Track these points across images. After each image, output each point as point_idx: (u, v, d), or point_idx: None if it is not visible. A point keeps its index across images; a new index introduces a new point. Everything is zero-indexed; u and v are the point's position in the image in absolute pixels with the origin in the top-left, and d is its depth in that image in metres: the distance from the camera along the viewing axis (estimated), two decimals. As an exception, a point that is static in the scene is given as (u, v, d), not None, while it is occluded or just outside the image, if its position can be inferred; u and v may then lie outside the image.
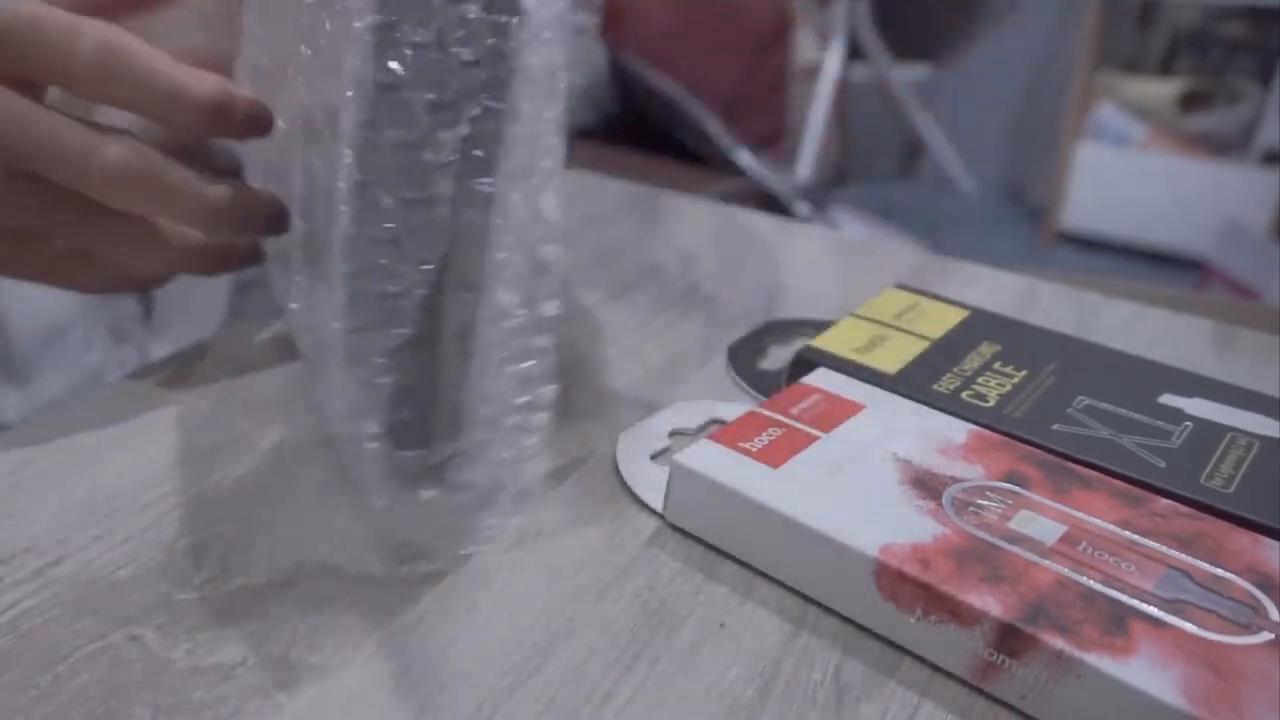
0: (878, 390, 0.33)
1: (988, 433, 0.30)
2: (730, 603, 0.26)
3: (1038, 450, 0.30)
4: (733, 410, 0.35)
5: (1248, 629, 0.23)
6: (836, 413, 0.31)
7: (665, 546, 0.28)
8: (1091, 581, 0.24)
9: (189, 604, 0.25)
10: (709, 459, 0.29)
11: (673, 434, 0.33)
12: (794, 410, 0.31)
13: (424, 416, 0.25)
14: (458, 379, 0.25)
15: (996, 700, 0.24)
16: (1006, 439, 0.30)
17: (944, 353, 0.35)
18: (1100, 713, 0.22)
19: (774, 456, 0.29)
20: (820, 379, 0.33)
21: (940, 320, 0.38)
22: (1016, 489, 0.28)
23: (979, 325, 0.38)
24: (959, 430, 0.31)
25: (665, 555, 0.28)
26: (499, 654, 0.24)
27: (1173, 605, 0.23)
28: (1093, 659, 0.22)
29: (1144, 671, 0.21)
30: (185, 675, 0.23)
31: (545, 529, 0.29)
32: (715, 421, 0.34)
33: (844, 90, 2.37)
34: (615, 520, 0.30)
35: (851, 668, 0.24)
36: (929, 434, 0.30)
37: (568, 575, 0.27)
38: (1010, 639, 0.23)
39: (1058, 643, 0.22)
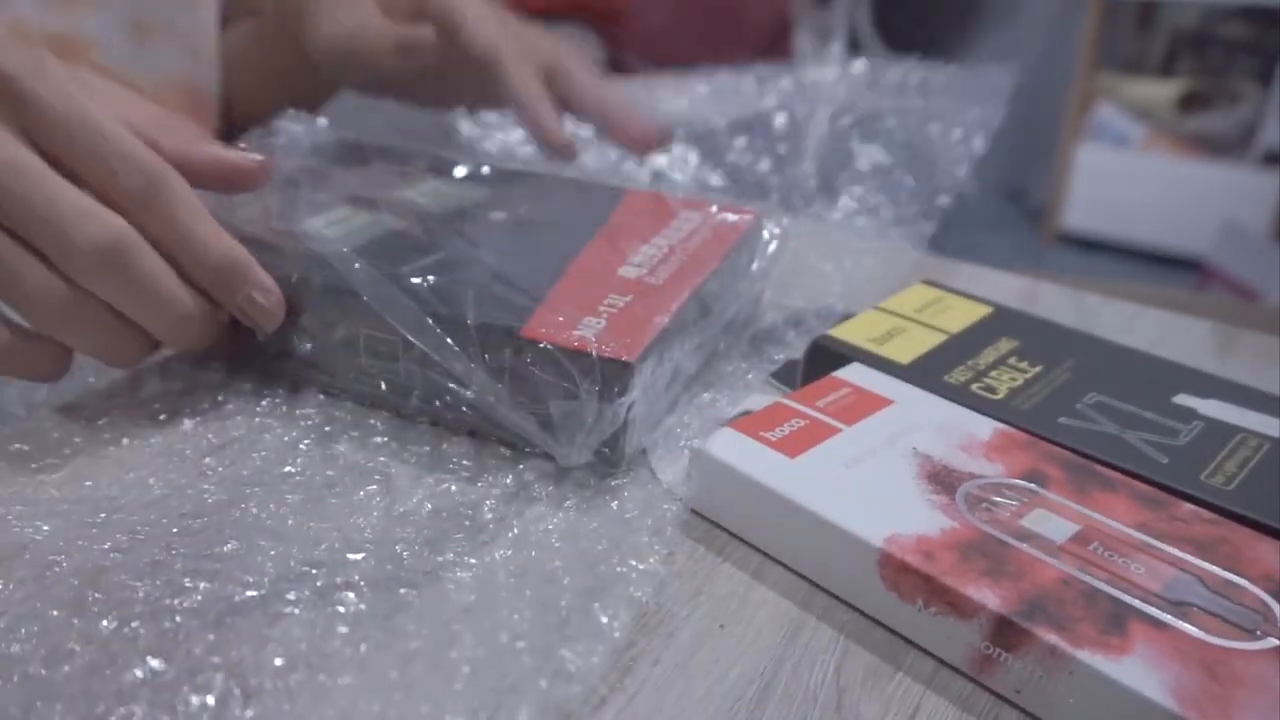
0: (908, 386, 0.33)
1: (1014, 431, 0.30)
2: (730, 604, 0.26)
3: (1062, 450, 0.30)
4: (764, 401, 0.35)
5: (1253, 635, 0.23)
6: (863, 407, 0.31)
7: (674, 540, 0.28)
8: (1096, 581, 0.24)
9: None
10: (728, 446, 0.29)
11: (703, 424, 0.34)
12: (820, 403, 0.31)
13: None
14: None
15: (994, 697, 0.24)
16: (1033, 438, 0.30)
17: (960, 347, 0.36)
18: (1091, 709, 0.22)
19: (793, 447, 0.29)
20: (853, 374, 0.33)
21: (962, 316, 0.38)
22: (1034, 488, 0.28)
23: (1000, 322, 0.38)
24: (984, 428, 0.31)
25: (663, 564, 0.28)
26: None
27: (1177, 608, 0.23)
28: (1085, 656, 0.22)
29: (1136, 671, 0.21)
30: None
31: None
32: (746, 413, 0.34)
33: (844, 91, 2.36)
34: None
35: (852, 669, 0.24)
36: (953, 430, 0.30)
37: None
38: (1006, 633, 0.23)
39: (1051, 638, 0.22)
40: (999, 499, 0.27)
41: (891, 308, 0.38)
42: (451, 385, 0.31)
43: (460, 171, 0.43)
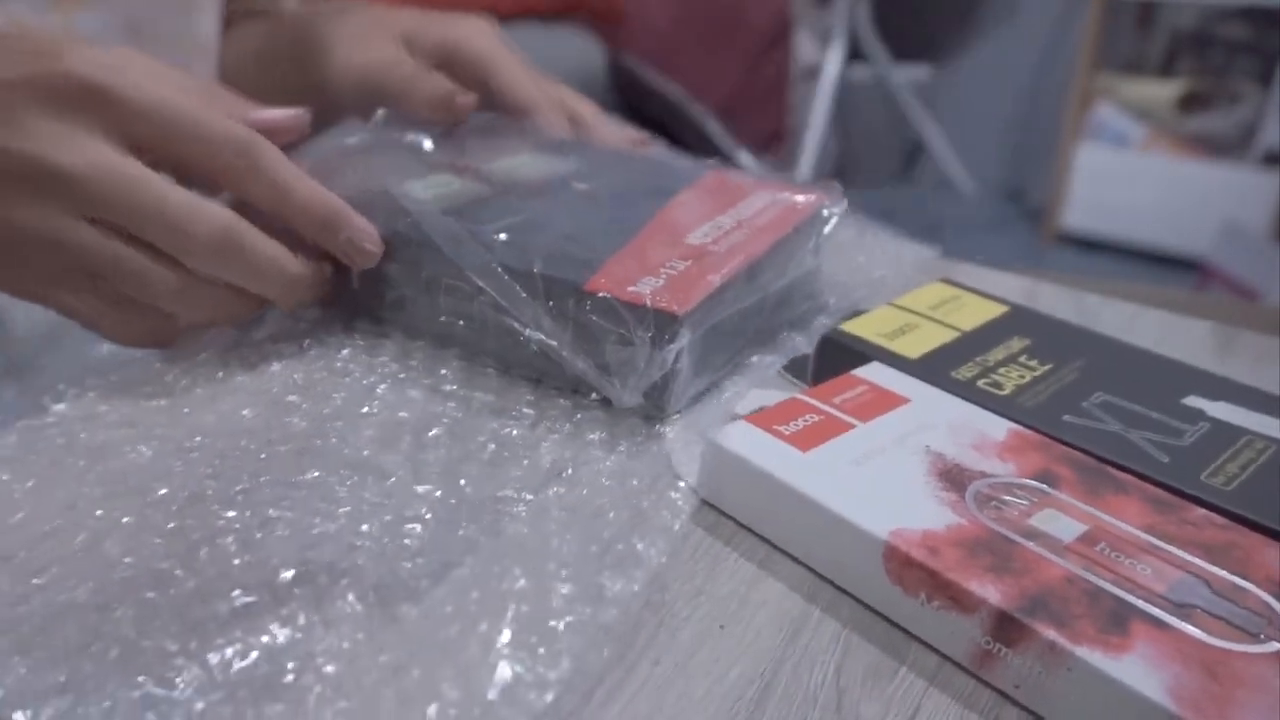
0: (926, 386, 0.33)
1: (1027, 432, 0.30)
2: (730, 604, 0.26)
3: (1074, 452, 0.30)
4: (777, 396, 0.35)
5: (1256, 638, 0.23)
6: (879, 405, 0.31)
7: (680, 535, 0.28)
8: (1100, 580, 0.24)
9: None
10: (741, 438, 0.29)
11: (720, 417, 0.34)
12: (837, 400, 0.31)
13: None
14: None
15: (995, 696, 0.24)
16: (1046, 439, 0.30)
17: (971, 344, 0.36)
18: (1089, 706, 0.22)
19: (805, 441, 0.29)
20: (872, 373, 0.34)
21: (976, 314, 0.38)
22: (1044, 488, 0.28)
23: (1014, 321, 0.38)
24: (998, 428, 0.31)
25: (671, 553, 0.28)
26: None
27: (1181, 610, 0.23)
28: (1083, 652, 0.22)
29: (1135, 669, 0.21)
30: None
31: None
32: (761, 409, 0.35)
33: (844, 91, 2.37)
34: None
35: (852, 669, 0.24)
36: (967, 430, 0.30)
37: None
38: (1006, 628, 0.23)
39: (1051, 634, 0.22)
40: (1009, 498, 0.27)
41: (906, 304, 0.38)
42: (519, 329, 0.34)
43: (554, 146, 0.46)
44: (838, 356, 0.35)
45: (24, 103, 0.31)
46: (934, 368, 0.34)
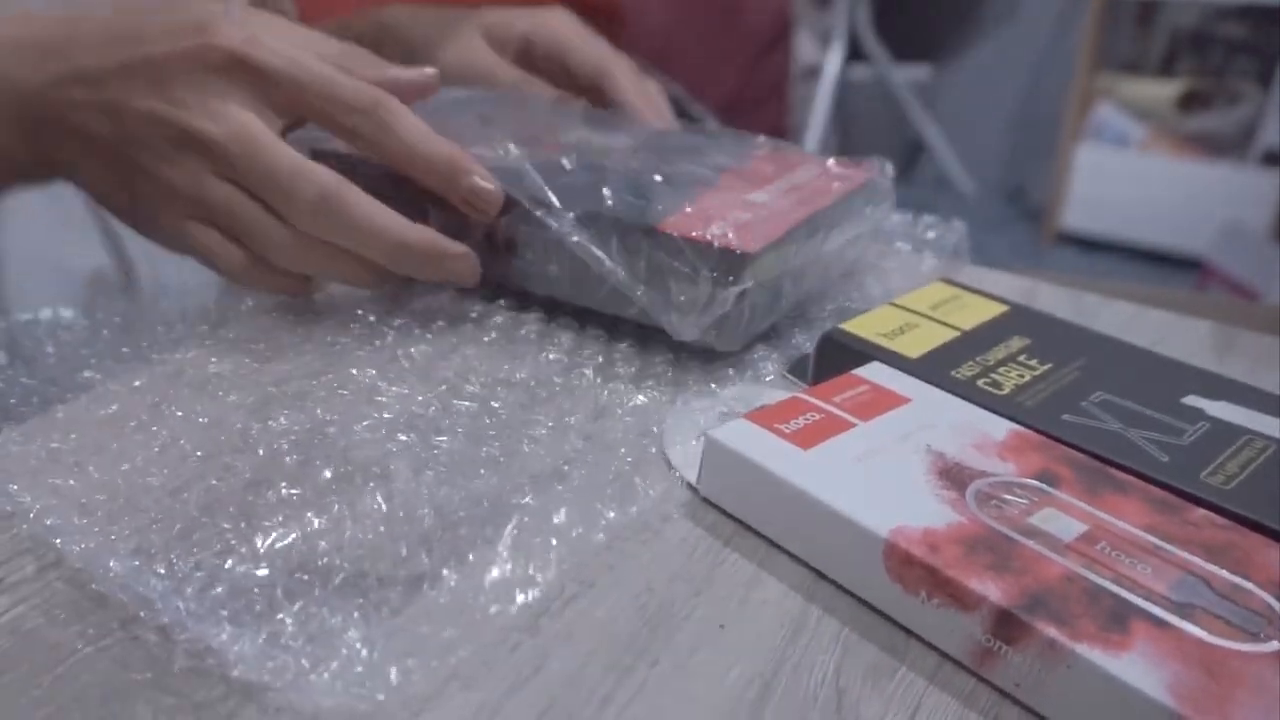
0: (926, 386, 0.33)
1: (1028, 433, 0.30)
2: (730, 604, 0.26)
3: (1075, 452, 0.30)
4: (780, 397, 0.35)
5: (1256, 637, 0.23)
6: (880, 404, 0.31)
7: (680, 536, 0.28)
8: (1101, 579, 0.24)
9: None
10: (742, 436, 0.29)
11: (720, 416, 0.34)
12: (837, 399, 0.31)
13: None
14: None
15: (995, 695, 0.24)
16: (1046, 439, 0.30)
17: (971, 343, 0.36)
18: (1088, 704, 0.22)
19: (806, 439, 0.29)
20: (872, 372, 0.34)
21: (976, 313, 0.38)
22: (1044, 487, 0.28)
23: (1014, 320, 0.38)
24: (999, 428, 0.31)
25: (669, 550, 0.28)
26: (499, 655, 0.24)
27: (1181, 609, 0.23)
28: (1083, 650, 0.22)
29: (1134, 667, 0.21)
30: (185, 676, 0.23)
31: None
32: (764, 407, 0.35)
33: (844, 91, 2.37)
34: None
35: (852, 669, 0.24)
36: (968, 429, 0.30)
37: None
38: (1007, 626, 0.23)
39: (1050, 632, 0.22)
40: (1009, 497, 0.27)
41: (906, 304, 0.38)
42: (600, 258, 0.37)
43: (613, 126, 0.49)
44: (838, 356, 0.35)
45: (179, 74, 0.34)
46: (934, 367, 0.34)
